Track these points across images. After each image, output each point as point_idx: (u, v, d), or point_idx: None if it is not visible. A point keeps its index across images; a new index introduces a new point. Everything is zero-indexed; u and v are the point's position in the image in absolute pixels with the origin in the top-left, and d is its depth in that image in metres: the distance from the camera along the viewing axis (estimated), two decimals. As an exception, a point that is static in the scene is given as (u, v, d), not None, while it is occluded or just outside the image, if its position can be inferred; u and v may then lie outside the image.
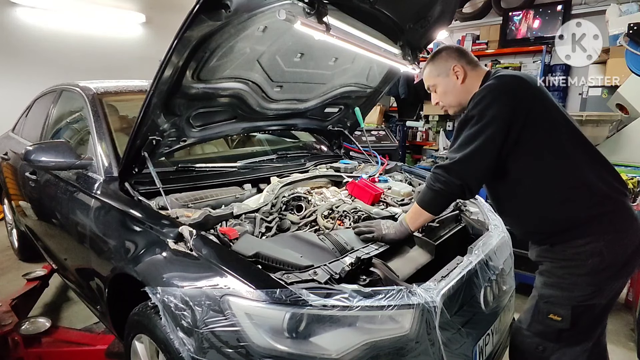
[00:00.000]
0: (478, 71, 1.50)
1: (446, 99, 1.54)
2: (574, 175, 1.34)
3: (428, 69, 1.57)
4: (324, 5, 1.47)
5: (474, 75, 1.49)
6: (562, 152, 1.35)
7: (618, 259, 1.30)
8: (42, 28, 4.98)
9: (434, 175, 1.42)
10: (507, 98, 1.33)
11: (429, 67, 1.56)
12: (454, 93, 1.51)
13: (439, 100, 1.57)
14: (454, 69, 1.48)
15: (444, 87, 1.53)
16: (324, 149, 2.92)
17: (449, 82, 1.51)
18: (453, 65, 1.49)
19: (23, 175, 2.64)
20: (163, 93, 1.54)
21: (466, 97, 1.46)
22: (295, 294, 1.13)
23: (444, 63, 1.51)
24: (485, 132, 1.31)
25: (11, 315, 2.14)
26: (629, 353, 2.36)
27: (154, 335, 1.35)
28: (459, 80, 1.48)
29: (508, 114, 1.31)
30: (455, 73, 1.49)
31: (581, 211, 1.33)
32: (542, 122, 1.34)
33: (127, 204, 1.65)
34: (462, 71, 1.48)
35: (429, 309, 1.20)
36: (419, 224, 1.51)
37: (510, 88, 1.36)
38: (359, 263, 1.34)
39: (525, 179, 1.38)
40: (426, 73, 1.58)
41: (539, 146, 1.34)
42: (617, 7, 3.09)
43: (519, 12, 5.93)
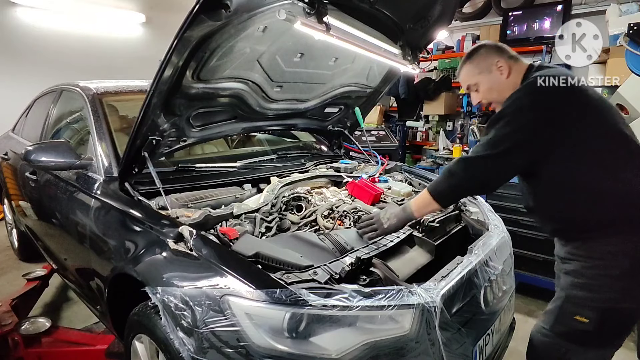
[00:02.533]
0: (520, 65, 1.47)
1: (491, 96, 1.49)
2: (611, 175, 1.28)
3: (467, 69, 1.52)
4: (324, 5, 1.47)
5: (517, 69, 1.46)
6: (600, 154, 1.30)
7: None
8: (42, 28, 4.98)
9: (457, 166, 1.39)
10: (544, 104, 1.29)
11: (468, 67, 1.52)
12: (499, 89, 1.46)
13: (483, 99, 1.51)
14: (498, 65, 1.45)
15: (488, 83, 1.48)
16: (324, 149, 2.92)
17: (492, 78, 1.47)
18: (496, 60, 1.45)
19: (23, 175, 2.64)
20: (163, 93, 1.54)
21: (511, 92, 1.41)
22: (295, 294, 1.13)
23: (485, 60, 1.48)
24: (515, 137, 1.30)
25: (11, 315, 2.14)
26: (629, 353, 2.35)
27: (154, 335, 1.35)
28: (504, 75, 1.45)
29: (541, 122, 1.28)
30: (499, 69, 1.45)
31: (616, 210, 1.29)
32: (581, 127, 1.29)
33: (127, 204, 1.65)
34: (506, 66, 1.45)
35: (429, 309, 1.20)
36: (424, 212, 1.49)
37: (548, 93, 1.30)
38: (359, 263, 1.34)
39: (558, 178, 1.34)
40: (465, 73, 1.53)
41: (575, 150, 1.30)
42: (617, 7, 3.09)
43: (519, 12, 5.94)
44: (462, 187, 1.42)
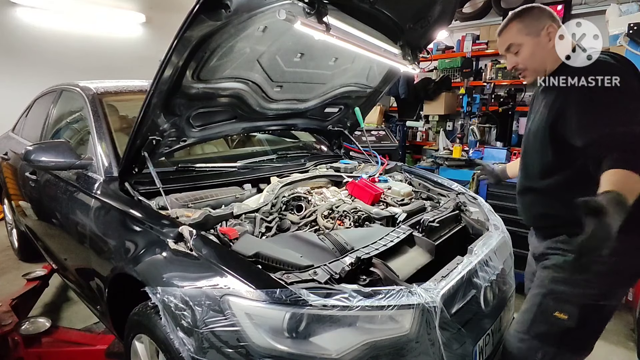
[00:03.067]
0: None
1: (532, 62, 1.41)
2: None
3: (515, 27, 1.41)
4: (324, 5, 1.47)
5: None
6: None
7: (635, 262, 1.25)
8: (42, 28, 4.98)
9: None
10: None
11: (517, 24, 1.40)
12: (542, 56, 1.38)
13: (520, 64, 1.42)
14: (548, 29, 1.37)
15: (532, 48, 1.39)
16: (324, 149, 2.92)
17: (539, 43, 1.38)
18: (547, 25, 1.37)
19: (23, 175, 2.64)
20: (163, 93, 1.54)
21: (553, 63, 1.38)
22: (295, 294, 1.13)
23: (537, 21, 1.38)
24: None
25: (11, 315, 2.14)
26: (629, 353, 2.36)
27: (154, 335, 1.35)
28: (552, 42, 1.37)
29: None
30: (548, 34, 1.37)
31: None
32: None
33: (127, 204, 1.66)
34: (555, 32, 1.37)
35: (429, 309, 1.20)
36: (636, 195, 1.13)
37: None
38: (359, 263, 1.34)
39: (590, 168, 1.25)
40: (510, 31, 1.42)
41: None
42: (617, 7, 3.09)
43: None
44: None
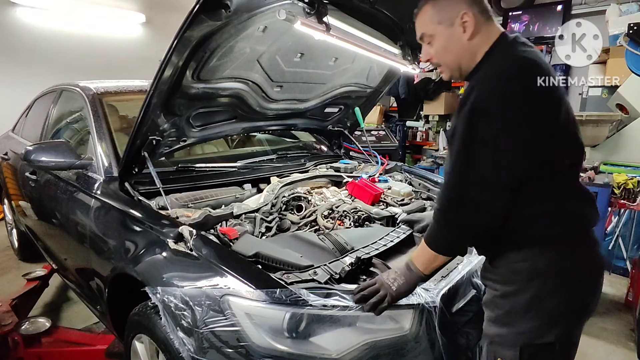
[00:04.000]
0: (490, 28, 1.10)
1: (445, 57, 1.13)
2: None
3: (428, 12, 1.12)
4: (324, 5, 1.48)
5: (485, 32, 1.09)
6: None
7: (567, 285, 1.04)
8: (42, 28, 4.98)
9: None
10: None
11: (430, 9, 1.11)
12: (455, 51, 1.10)
13: (433, 57, 1.15)
14: (463, 18, 1.07)
15: (445, 40, 1.11)
16: (324, 149, 2.92)
17: (452, 34, 1.09)
18: (462, 12, 1.07)
19: (23, 175, 2.63)
20: (163, 93, 1.54)
21: (469, 61, 1.10)
22: (295, 294, 1.13)
23: (451, 6, 1.09)
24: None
25: (11, 315, 2.14)
26: (629, 353, 2.36)
27: (154, 335, 1.35)
28: (466, 34, 1.08)
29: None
30: (463, 24, 1.07)
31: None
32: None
33: (127, 204, 1.65)
34: (472, 23, 1.07)
35: (429, 309, 1.20)
36: (434, 267, 1.14)
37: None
38: (359, 263, 1.35)
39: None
40: (422, 17, 1.13)
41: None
42: (617, 7, 3.09)
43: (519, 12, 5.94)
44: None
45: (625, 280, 3.08)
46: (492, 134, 0.97)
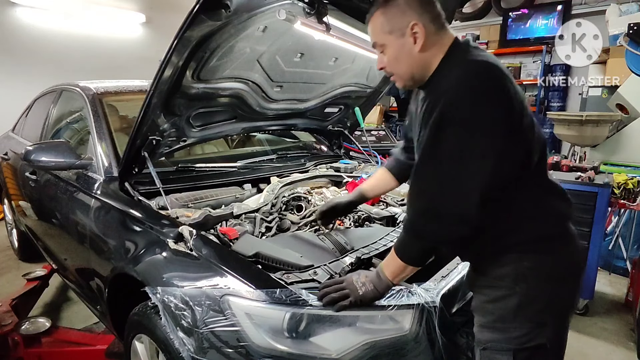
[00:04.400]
0: (443, 36, 1.07)
1: (396, 68, 1.11)
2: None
3: (378, 19, 1.08)
4: (324, 5, 1.48)
5: (438, 41, 1.06)
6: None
7: (552, 285, 1.05)
8: (42, 28, 4.98)
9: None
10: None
11: (380, 16, 1.07)
12: (407, 62, 1.07)
13: (386, 67, 1.13)
14: (413, 29, 1.03)
15: (396, 50, 1.07)
16: (324, 149, 2.92)
17: (403, 45, 1.06)
18: (412, 22, 1.03)
19: (23, 175, 2.64)
20: (163, 93, 1.54)
21: (422, 72, 1.08)
22: (295, 294, 1.13)
23: (401, 16, 1.04)
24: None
25: (11, 315, 2.14)
26: (629, 353, 2.36)
27: (154, 335, 1.35)
28: (417, 46, 1.04)
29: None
30: (413, 34, 1.04)
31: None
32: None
33: (127, 204, 1.65)
34: (422, 33, 1.03)
35: (429, 309, 1.20)
36: (403, 277, 1.13)
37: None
38: (359, 263, 1.34)
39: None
40: (375, 25, 1.09)
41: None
42: (617, 7, 3.09)
43: (519, 12, 5.95)
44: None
45: (625, 280, 3.08)
46: (460, 144, 0.95)
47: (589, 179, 2.57)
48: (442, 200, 0.98)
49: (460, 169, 0.96)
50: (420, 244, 1.06)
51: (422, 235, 1.04)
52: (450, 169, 0.96)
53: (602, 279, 3.20)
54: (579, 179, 2.61)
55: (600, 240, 2.57)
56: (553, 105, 5.86)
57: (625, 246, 3.26)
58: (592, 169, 2.75)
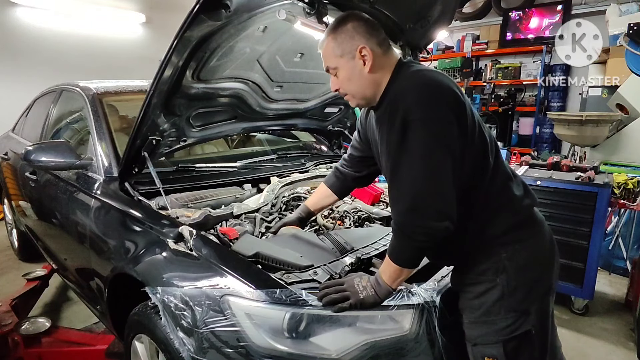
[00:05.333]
0: (389, 58, 1.16)
1: (349, 88, 1.19)
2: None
3: (329, 45, 1.16)
4: (324, 5, 1.47)
5: (385, 63, 1.15)
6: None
7: (527, 274, 1.12)
8: (42, 28, 4.98)
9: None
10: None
11: (331, 42, 1.16)
12: (359, 82, 1.16)
13: (340, 88, 1.21)
14: (361, 52, 1.12)
15: (347, 72, 1.16)
16: (324, 149, 2.92)
17: (354, 67, 1.14)
18: (360, 46, 1.12)
19: (23, 175, 2.64)
20: (163, 93, 1.54)
21: (374, 90, 1.16)
22: (295, 294, 1.13)
23: (350, 40, 1.13)
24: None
25: (11, 315, 2.14)
26: (629, 353, 2.36)
27: (154, 335, 1.35)
28: (366, 67, 1.13)
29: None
30: (362, 57, 1.13)
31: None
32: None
33: (127, 204, 1.66)
34: (370, 56, 1.12)
35: (429, 309, 1.20)
36: (401, 281, 1.17)
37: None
38: (359, 263, 1.34)
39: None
40: (327, 50, 1.17)
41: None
42: (617, 7, 3.09)
43: (519, 12, 5.94)
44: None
45: (625, 280, 3.08)
46: (425, 142, 1.02)
47: (589, 179, 2.57)
48: (419, 198, 1.03)
49: (431, 166, 1.02)
50: (410, 245, 1.09)
51: (409, 236, 1.07)
52: (421, 167, 1.03)
53: (602, 279, 3.20)
54: (579, 179, 2.61)
55: (600, 240, 2.57)
56: (553, 105, 5.86)
57: (625, 246, 3.26)
58: (592, 169, 2.74)
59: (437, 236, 1.05)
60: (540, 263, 1.15)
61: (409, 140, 1.03)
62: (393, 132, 1.06)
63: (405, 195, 1.05)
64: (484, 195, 1.13)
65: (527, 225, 1.16)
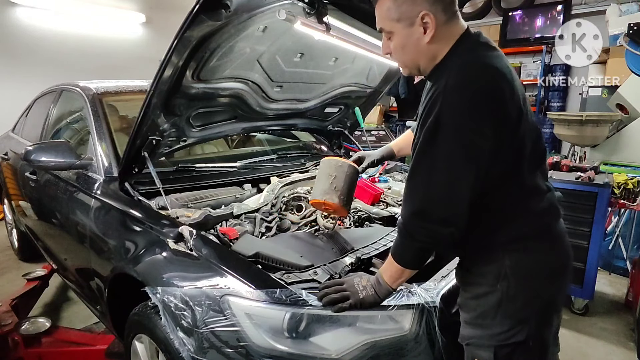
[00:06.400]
0: (452, 28, 1.02)
1: (402, 57, 1.08)
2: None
3: (386, 5, 1.03)
4: (324, 5, 1.48)
5: (447, 33, 1.02)
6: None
7: (531, 285, 1.05)
8: (42, 28, 4.98)
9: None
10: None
11: (387, 2, 1.02)
12: (414, 53, 1.04)
13: (394, 55, 1.10)
14: (423, 19, 0.99)
15: (403, 39, 1.04)
16: (324, 149, 2.92)
17: (411, 35, 1.01)
18: (423, 12, 0.98)
19: (23, 175, 2.64)
20: (163, 93, 1.54)
21: (429, 62, 1.05)
22: (295, 294, 1.13)
23: (411, 4, 0.99)
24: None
25: (11, 315, 2.14)
26: (629, 353, 2.36)
27: (154, 335, 1.35)
28: (426, 37, 1.00)
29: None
30: (423, 24, 0.99)
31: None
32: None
33: (127, 204, 1.66)
34: (433, 25, 0.99)
35: (429, 309, 1.20)
36: (402, 282, 1.14)
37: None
38: (359, 263, 1.35)
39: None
40: (382, 9, 1.04)
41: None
42: (617, 7, 3.09)
43: (519, 12, 5.95)
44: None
45: (625, 280, 3.08)
46: (452, 150, 0.96)
47: (589, 179, 2.57)
48: (432, 203, 0.99)
49: (451, 174, 0.96)
50: (415, 246, 1.06)
51: (414, 237, 1.03)
52: (441, 173, 0.97)
53: (602, 279, 3.20)
54: (579, 179, 2.61)
55: (600, 240, 2.57)
56: (553, 105, 5.86)
57: (625, 246, 3.26)
58: (592, 169, 2.75)
59: (441, 240, 1.02)
60: (546, 276, 1.07)
61: (438, 143, 0.96)
62: (426, 125, 0.98)
63: (417, 197, 1.01)
64: (497, 201, 1.06)
65: (539, 238, 1.07)
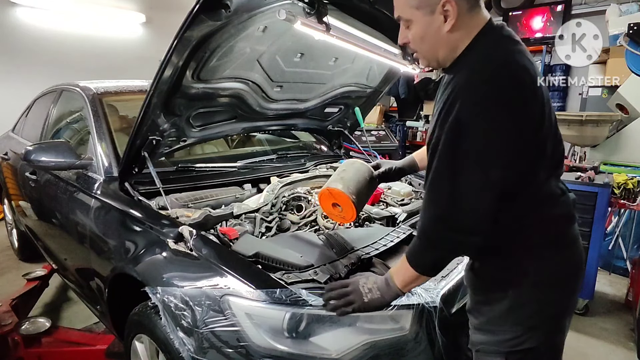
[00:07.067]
0: (475, 18, 0.96)
1: (421, 46, 1.01)
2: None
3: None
4: (324, 5, 1.48)
5: (469, 23, 0.96)
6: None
7: (543, 292, 1.02)
8: (42, 28, 4.98)
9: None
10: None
11: None
12: (433, 42, 0.98)
13: (411, 44, 1.02)
14: (444, 7, 0.93)
15: (422, 28, 0.97)
16: (324, 149, 2.92)
17: (431, 24, 0.96)
18: (444, 0, 0.92)
19: (23, 175, 2.63)
20: (163, 93, 1.54)
21: (449, 53, 0.99)
22: (295, 294, 1.13)
23: None
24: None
25: (11, 315, 2.14)
26: (629, 353, 2.36)
27: (154, 335, 1.35)
28: (447, 26, 0.94)
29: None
30: (444, 12, 0.93)
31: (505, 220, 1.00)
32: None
33: (127, 204, 1.66)
34: (454, 13, 0.93)
35: (429, 309, 1.20)
36: (413, 287, 1.09)
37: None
38: (359, 263, 1.35)
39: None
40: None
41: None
42: (617, 7, 3.09)
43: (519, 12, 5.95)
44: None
45: (625, 280, 3.08)
46: (474, 155, 0.90)
47: (589, 179, 2.57)
48: (458, 210, 0.93)
49: (478, 182, 0.91)
50: (433, 253, 1.01)
51: (436, 245, 0.99)
52: (466, 179, 0.91)
53: (602, 279, 3.20)
54: (579, 179, 2.61)
55: (600, 240, 2.57)
56: (553, 105, 5.86)
57: (625, 246, 3.26)
58: (592, 169, 2.75)
59: (465, 250, 0.99)
60: (559, 284, 1.04)
61: (462, 146, 0.89)
62: (447, 124, 0.91)
63: (440, 202, 0.95)
64: (512, 208, 1.00)
65: (552, 246, 1.03)
